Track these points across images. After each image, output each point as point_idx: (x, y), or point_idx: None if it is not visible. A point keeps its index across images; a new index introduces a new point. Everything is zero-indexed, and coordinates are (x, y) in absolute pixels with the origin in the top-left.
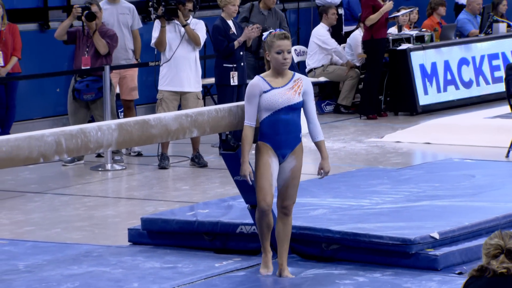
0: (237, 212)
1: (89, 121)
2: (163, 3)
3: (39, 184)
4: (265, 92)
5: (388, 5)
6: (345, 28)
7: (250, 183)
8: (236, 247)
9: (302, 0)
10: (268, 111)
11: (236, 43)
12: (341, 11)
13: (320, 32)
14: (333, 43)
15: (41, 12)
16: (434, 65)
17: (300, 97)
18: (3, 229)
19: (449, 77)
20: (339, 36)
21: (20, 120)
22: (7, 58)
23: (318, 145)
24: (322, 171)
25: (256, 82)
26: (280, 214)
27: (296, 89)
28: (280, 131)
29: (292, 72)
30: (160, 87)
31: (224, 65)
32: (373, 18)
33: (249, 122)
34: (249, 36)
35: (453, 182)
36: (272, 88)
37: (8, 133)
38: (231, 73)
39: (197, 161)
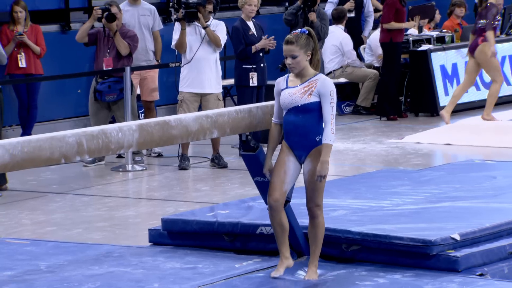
0: (257, 213)
1: (110, 122)
2: (183, 6)
3: (61, 184)
4: (282, 90)
5: (410, 24)
6: None
7: (268, 178)
8: (256, 247)
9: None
10: (284, 110)
11: (253, 48)
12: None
13: (343, 35)
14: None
15: (63, 13)
16: (455, 66)
17: (311, 98)
18: (25, 229)
19: None
20: (358, 38)
21: (41, 121)
22: (29, 60)
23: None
24: (317, 174)
25: (278, 80)
26: (309, 215)
27: (306, 90)
28: (291, 132)
29: (316, 72)
30: (180, 89)
31: (244, 66)
32: (394, 26)
33: (273, 119)
34: (265, 46)
35: (474, 183)
36: (287, 87)
37: (29, 134)
38: (250, 74)
39: (217, 162)
